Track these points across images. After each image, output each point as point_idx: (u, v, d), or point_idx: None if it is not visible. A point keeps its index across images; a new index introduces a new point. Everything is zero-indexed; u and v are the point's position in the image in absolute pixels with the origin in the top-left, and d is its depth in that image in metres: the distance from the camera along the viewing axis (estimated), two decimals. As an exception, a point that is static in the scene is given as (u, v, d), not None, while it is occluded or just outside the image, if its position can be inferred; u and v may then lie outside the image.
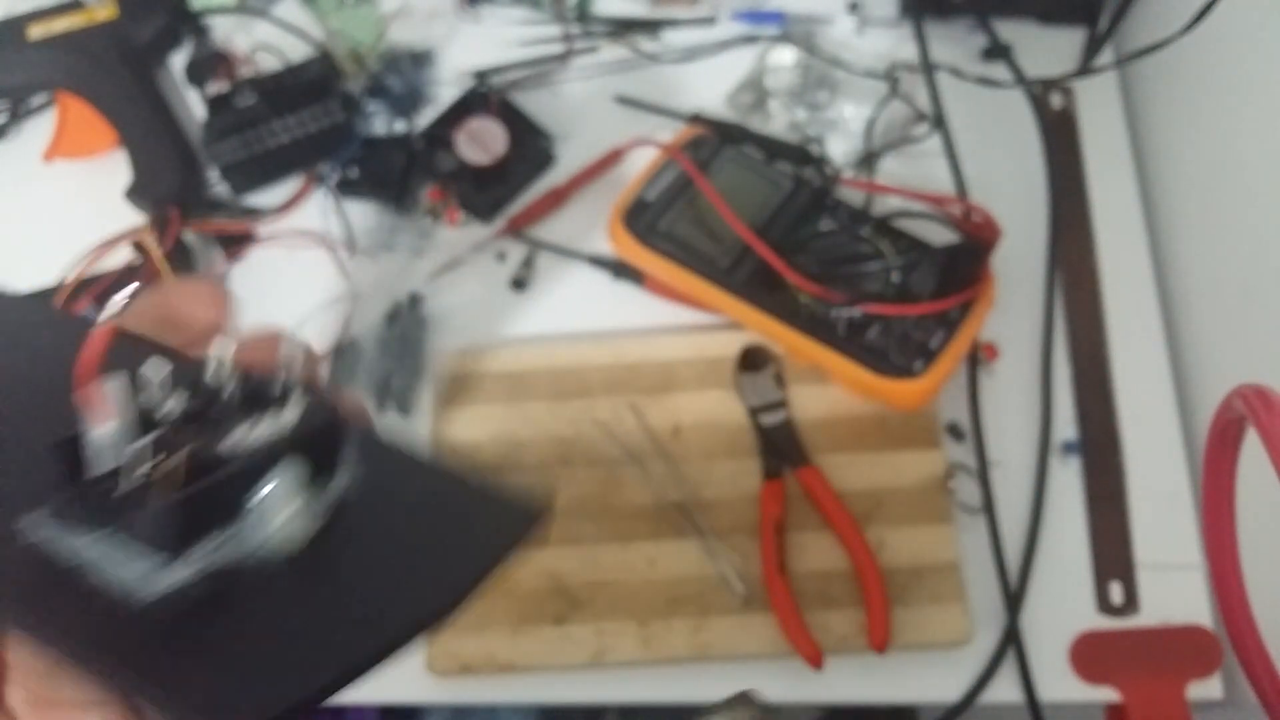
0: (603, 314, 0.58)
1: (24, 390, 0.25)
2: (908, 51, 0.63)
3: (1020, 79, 0.62)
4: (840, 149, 0.61)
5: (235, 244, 0.61)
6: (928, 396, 0.51)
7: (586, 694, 0.51)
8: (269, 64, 0.65)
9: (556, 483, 0.53)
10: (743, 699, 0.20)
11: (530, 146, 0.62)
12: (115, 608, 0.19)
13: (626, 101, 0.64)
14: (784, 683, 0.50)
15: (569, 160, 0.62)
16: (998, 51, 0.63)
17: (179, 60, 0.64)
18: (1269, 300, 0.48)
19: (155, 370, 0.21)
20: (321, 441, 0.22)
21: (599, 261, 0.59)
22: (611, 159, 0.61)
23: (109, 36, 0.59)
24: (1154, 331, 0.56)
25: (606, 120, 0.63)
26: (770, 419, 0.53)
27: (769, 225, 0.54)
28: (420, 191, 0.62)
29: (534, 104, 0.64)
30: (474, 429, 0.54)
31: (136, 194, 0.60)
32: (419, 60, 0.66)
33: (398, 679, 0.51)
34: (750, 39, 0.65)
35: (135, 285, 0.22)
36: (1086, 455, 0.54)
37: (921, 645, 0.49)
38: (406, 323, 0.58)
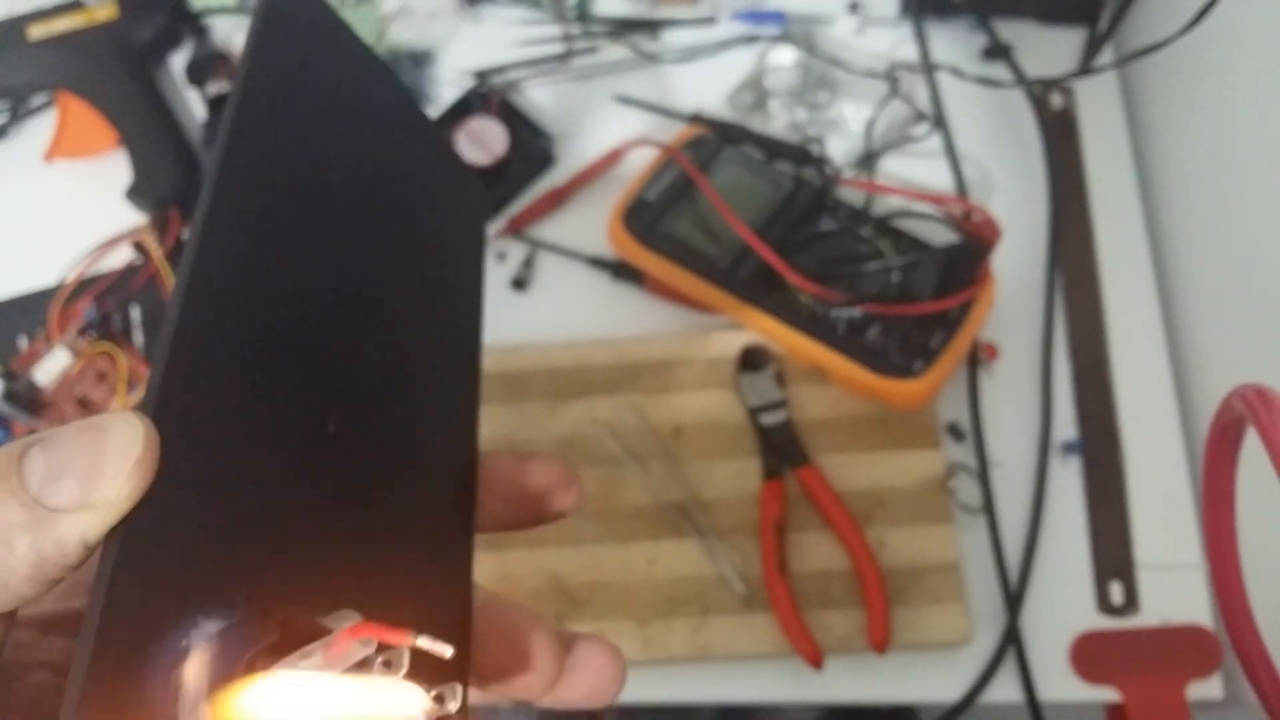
0: (603, 314, 0.58)
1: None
2: (908, 51, 0.63)
3: (1020, 79, 0.62)
4: (840, 149, 0.61)
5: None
6: (928, 396, 0.51)
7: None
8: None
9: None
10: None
11: (530, 146, 0.62)
12: None
13: (626, 101, 0.64)
14: (784, 683, 0.50)
15: (569, 160, 0.62)
16: (998, 51, 0.63)
17: (179, 60, 0.64)
18: (1269, 300, 0.48)
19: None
20: None
21: (599, 262, 0.59)
22: (611, 159, 0.61)
23: (109, 36, 0.59)
24: (1154, 331, 0.56)
25: (606, 120, 0.63)
26: (770, 419, 0.53)
27: (769, 225, 0.54)
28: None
29: (534, 104, 0.64)
30: (474, 429, 0.54)
31: (136, 194, 0.60)
32: (419, 60, 0.66)
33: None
34: (750, 39, 0.65)
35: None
36: (1086, 455, 0.54)
37: (921, 645, 0.49)
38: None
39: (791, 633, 0.49)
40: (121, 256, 0.60)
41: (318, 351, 0.23)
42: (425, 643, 0.18)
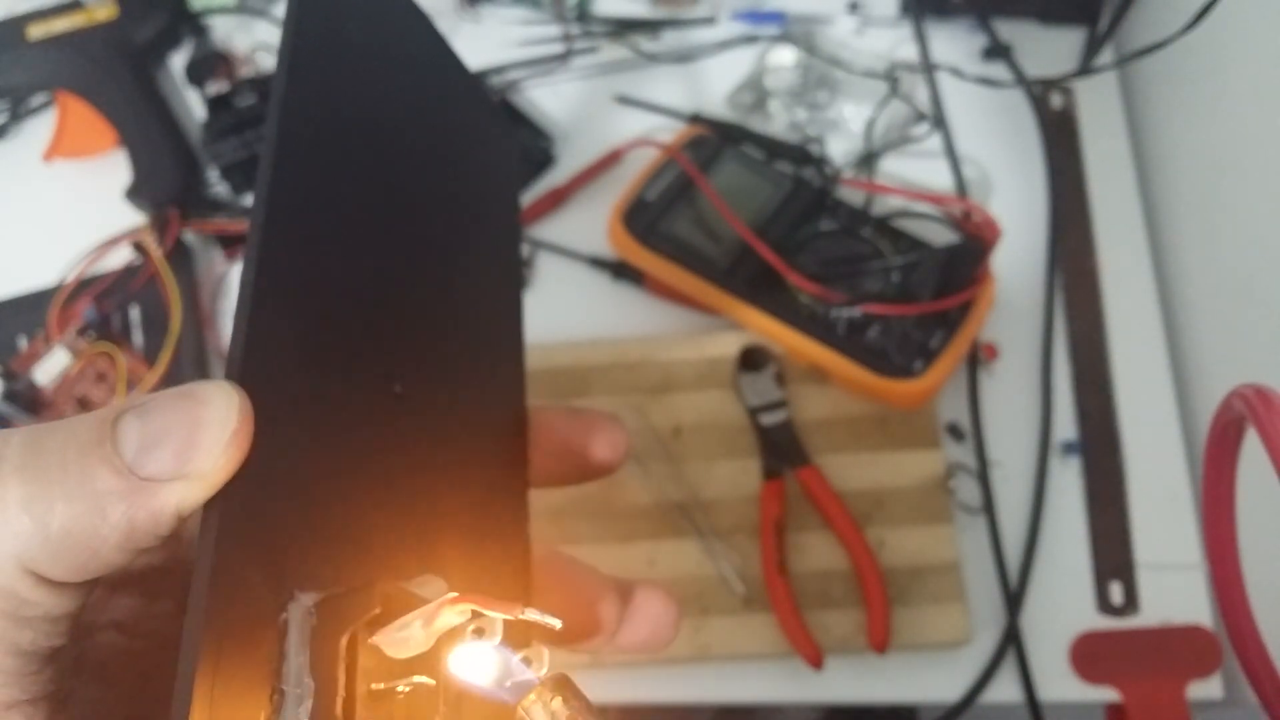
0: (603, 314, 0.58)
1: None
2: (908, 51, 0.63)
3: (1020, 79, 0.62)
4: (840, 149, 0.61)
5: (235, 244, 0.61)
6: (928, 396, 0.51)
7: (586, 694, 0.51)
8: (269, 64, 0.65)
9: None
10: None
11: (530, 146, 0.62)
12: None
13: (626, 101, 0.64)
14: (784, 683, 0.50)
15: (569, 160, 0.62)
16: (998, 51, 0.63)
17: (179, 60, 0.64)
18: (1269, 300, 0.48)
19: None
20: None
21: (599, 262, 0.59)
22: (611, 159, 0.61)
23: (109, 36, 0.59)
24: (1154, 331, 0.56)
25: (606, 120, 0.63)
26: (770, 419, 0.53)
27: (769, 225, 0.54)
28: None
29: (534, 104, 0.64)
30: (474, 429, 0.54)
31: (136, 194, 0.60)
32: (419, 60, 0.66)
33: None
34: (750, 39, 0.65)
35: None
36: (1086, 455, 0.54)
37: (921, 645, 0.49)
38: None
39: (791, 633, 0.49)
40: (121, 256, 0.60)
41: (381, 311, 0.23)
42: (533, 615, 0.18)
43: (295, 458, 0.19)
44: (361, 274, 0.22)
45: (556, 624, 0.19)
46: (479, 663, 0.18)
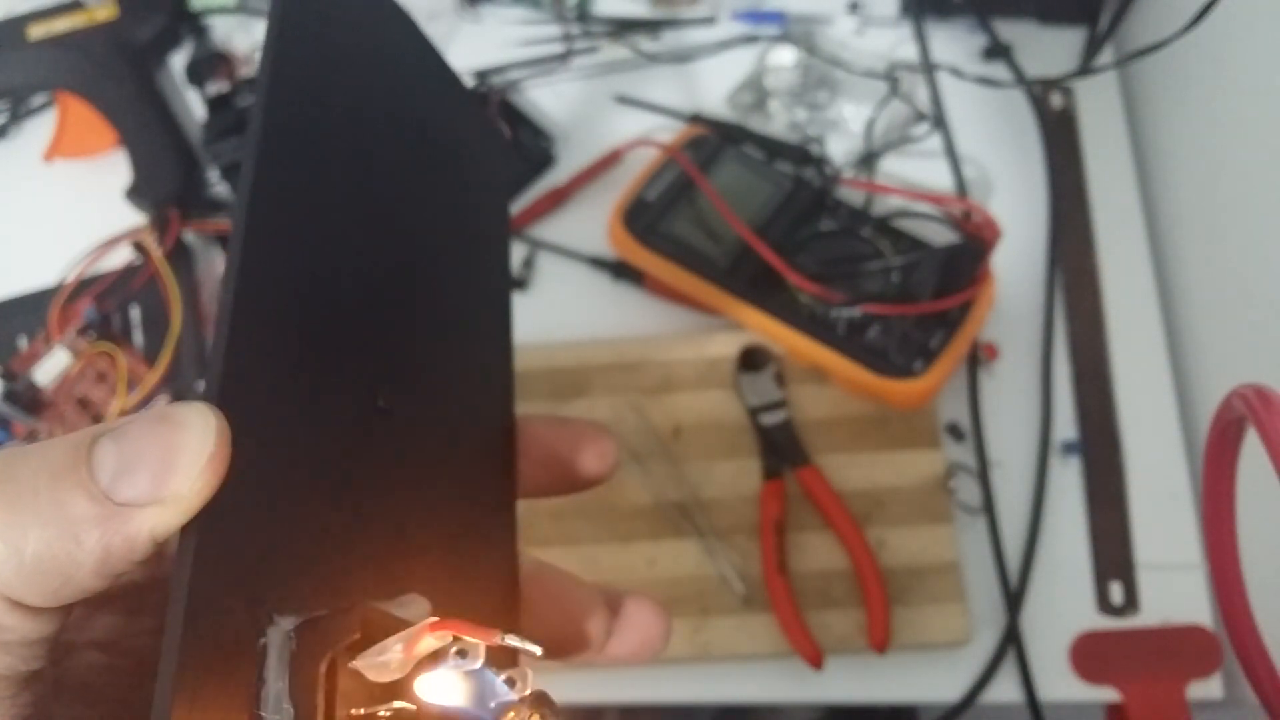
0: (603, 314, 0.58)
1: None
2: (908, 51, 0.63)
3: (1020, 79, 0.62)
4: (840, 149, 0.61)
5: (235, 244, 0.61)
6: (928, 396, 0.51)
7: (586, 694, 0.51)
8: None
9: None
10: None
11: (530, 146, 0.62)
12: None
13: (626, 101, 0.64)
14: (784, 683, 0.50)
15: (569, 160, 0.62)
16: (998, 51, 0.63)
17: (179, 60, 0.64)
18: (1269, 300, 0.48)
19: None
20: None
21: (599, 262, 0.59)
22: (611, 159, 0.61)
23: (109, 36, 0.59)
24: (1154, 331, 0.56)
25: (606, 120, 0.63)
26: (770, 419, 0.53)
27: (769, 225, 0.54)
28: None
29: (534, 104, 0.64)
30: (474, 429, 0.54)
31: (136, 194, 0.60)
32: (419, 60, 0.66)
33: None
34: (750, 39, 0.65)
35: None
36: (1086, 455, 0.54)
37: (921, 645, 0.49)
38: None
39: (791, 633, 0.49)
40: (121, 256, 0.60)
41: (365, 322, 0.22)
42: (513, 641, 0.18)
43: (274, 477, 0.19)
44: (346, 284, 0.22)
45: (537, 651, 0.18)
46: (449, 688, 0.18)
